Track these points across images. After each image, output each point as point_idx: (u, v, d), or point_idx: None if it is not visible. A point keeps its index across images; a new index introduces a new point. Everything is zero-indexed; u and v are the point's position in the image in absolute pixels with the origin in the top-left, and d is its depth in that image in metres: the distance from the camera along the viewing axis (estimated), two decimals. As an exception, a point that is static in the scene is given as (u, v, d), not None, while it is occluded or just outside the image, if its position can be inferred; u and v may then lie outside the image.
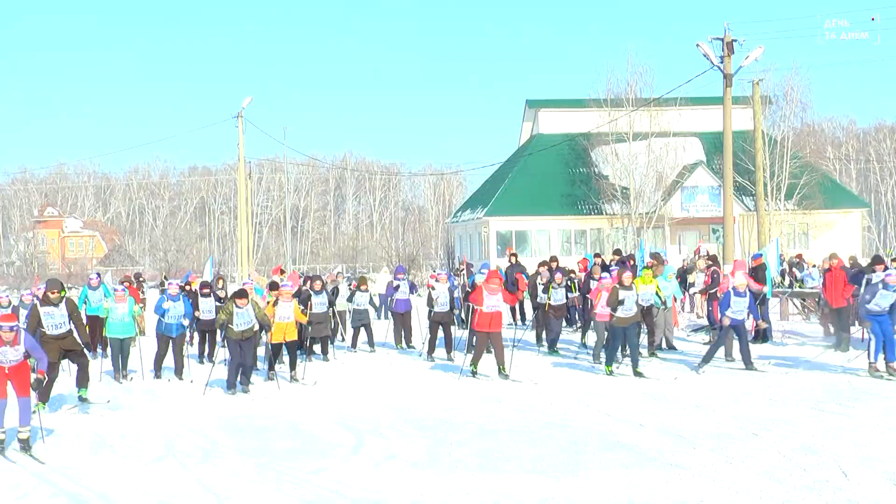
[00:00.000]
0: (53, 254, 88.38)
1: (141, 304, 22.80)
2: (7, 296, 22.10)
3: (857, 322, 21.46)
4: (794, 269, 27.04)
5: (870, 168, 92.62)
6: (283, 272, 26.71)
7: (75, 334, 14.47)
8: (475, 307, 16.85)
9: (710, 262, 23.94)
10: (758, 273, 21.14)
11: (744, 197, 48.06)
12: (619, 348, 17.53)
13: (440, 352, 19.81)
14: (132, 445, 11.72)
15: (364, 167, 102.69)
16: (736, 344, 17.61)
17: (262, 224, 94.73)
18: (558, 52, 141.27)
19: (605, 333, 17.87)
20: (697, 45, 29.16)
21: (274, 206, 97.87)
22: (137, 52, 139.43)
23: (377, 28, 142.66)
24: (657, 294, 19.02)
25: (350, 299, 21.68)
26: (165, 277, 29.76)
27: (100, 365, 17.86)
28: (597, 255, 26.41)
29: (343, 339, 22.59)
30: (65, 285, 15.37)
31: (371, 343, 21.56)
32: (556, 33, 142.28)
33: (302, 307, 18.14)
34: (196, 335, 20.40)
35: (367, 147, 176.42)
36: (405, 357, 20.53)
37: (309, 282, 20.34)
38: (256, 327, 16.07)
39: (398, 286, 21.97)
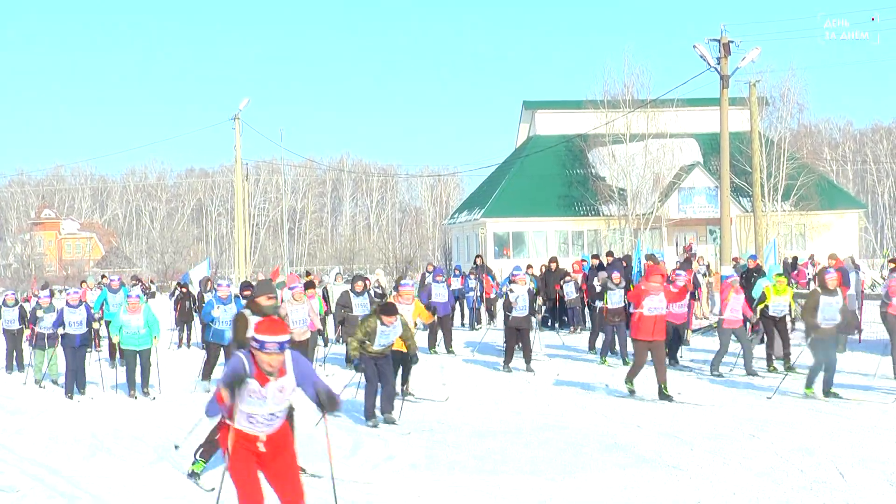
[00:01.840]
0: (50, 256, 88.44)
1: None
2: (13, 293, 21.38)
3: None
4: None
5: (866, 169, 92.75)
6: (309, 276, 26.49)
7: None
8: (634, 310, 14.34)
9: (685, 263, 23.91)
10: (757, 275, 21.11)
11: (741, 198, 48.09)
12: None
13: (518, 361, 17.99)
14: (129, 448, 11.70)
15: (361, 169, 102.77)
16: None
17: (259, 226, 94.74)
18: (555, 53, 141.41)
19: (729, 342, 16.61)
20: (694, 47, 29.20)
21: (271, 208, 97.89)
22: (134, 54, 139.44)
23: (374, 30, 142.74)
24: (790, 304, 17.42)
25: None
26: (152, 282, 29.34)
27: (115, 375, 16.72)
28: (594, 257, 26.48)
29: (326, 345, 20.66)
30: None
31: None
32: (552, 35, 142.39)
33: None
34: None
35: (364, 149, 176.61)
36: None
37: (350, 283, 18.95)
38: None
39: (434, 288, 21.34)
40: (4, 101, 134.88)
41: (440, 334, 21.35)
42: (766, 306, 17.05)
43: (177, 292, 25.13)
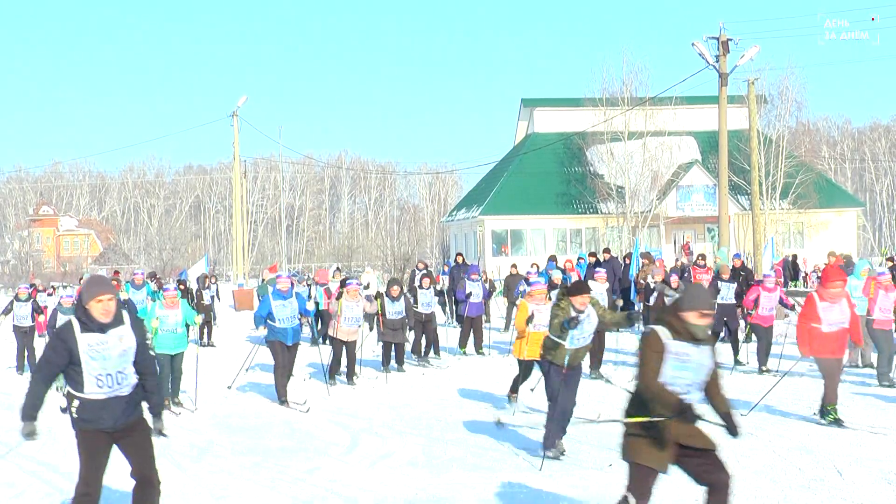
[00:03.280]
0: (48, 252, 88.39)
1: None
2: (26, 287, 19.76)
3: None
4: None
5: (864, 167, 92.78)
6: (332, 273, 26.24)
7: None
8: (811, 325, 11.93)
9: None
10: (744, 274, 21.05)
11: (739, 196, 48.13)
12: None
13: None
14: (127, 444, 11.68)
15: (359, 166, 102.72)
16: None
17: (257, 223, 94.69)
18: (554, 51, 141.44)
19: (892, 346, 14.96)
20: (693, 45, 29.25)
21: (269, 205, 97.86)
22: (133, 51, 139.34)
23: (373, 27, 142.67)
24: None
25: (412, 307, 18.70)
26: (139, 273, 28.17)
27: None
28: (591, 255, 26.49)
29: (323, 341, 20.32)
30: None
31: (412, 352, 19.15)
32: (551, 32, 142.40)
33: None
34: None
35: (362, 146, 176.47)
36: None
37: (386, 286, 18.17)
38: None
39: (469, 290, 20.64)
40: (3, 97, 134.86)
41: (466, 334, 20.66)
42: None
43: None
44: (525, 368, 13.02)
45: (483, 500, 8.79)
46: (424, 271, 27.11)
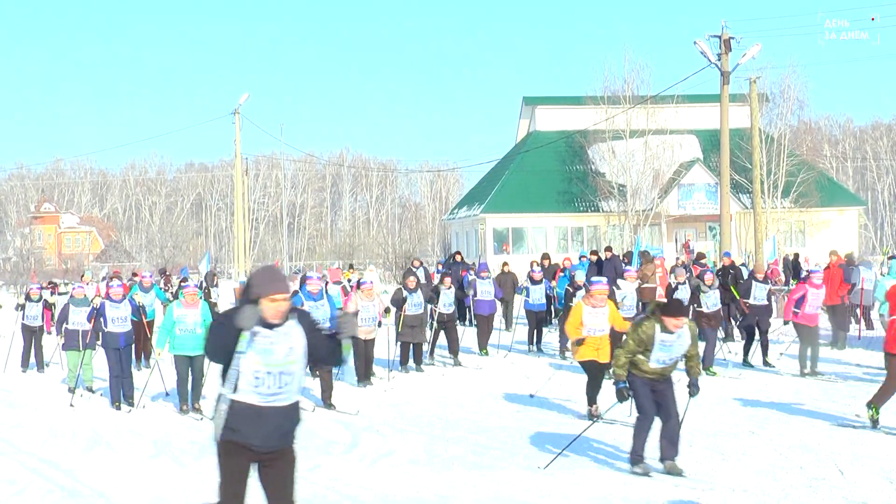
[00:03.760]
0: (50, 249, 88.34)
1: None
2: (38, 287, 19.70)
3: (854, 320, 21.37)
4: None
5: (866, 166, 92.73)
6: (353, 270, 26.01)
7: None
8: (891, 317, 11.51)
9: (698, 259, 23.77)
10: (734, 272, 21.03)
11: (740, 194, 48.08)
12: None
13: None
14: (128, 442, 11.70)
15: (361, 164, 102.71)
16: None
17: (258, 220, 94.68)
18: (555, 49, 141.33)
19: None
20: (695, 43, 29.23)
21: (271, 203, 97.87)
22: (134, 49, 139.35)
23: (374, 24, 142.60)
24: None
25: (433, 300, 18.23)
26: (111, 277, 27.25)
27: (146, 382, 14.82)
28: (593, 253, 26.49)
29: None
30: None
31: (454, 350, 18.42)
32: (553, 30, 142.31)
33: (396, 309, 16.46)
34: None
35: (364, 144, 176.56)
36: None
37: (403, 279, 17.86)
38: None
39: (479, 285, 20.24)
40: (5, 94, 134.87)
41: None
42: None
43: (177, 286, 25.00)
44: (589, 371, 12.57)
45: (484, 498, 8.79)
46: (420, 268, 27.07)
